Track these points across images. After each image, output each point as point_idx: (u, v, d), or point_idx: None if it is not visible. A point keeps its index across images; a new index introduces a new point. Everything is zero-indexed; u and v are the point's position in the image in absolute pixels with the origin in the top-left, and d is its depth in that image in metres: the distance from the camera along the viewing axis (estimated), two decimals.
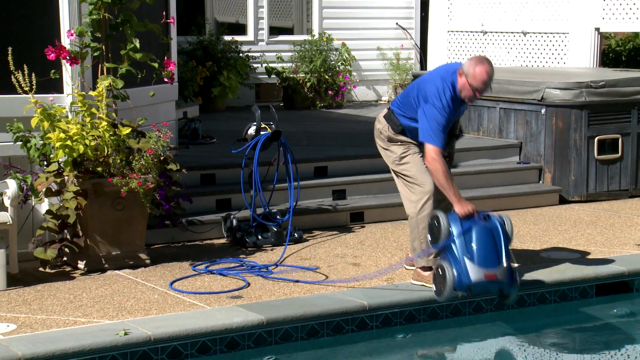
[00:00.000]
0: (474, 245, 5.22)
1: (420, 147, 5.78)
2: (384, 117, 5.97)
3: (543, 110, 8.80)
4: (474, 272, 5.14)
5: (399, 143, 5.88)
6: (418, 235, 5.76)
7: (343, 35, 12.89)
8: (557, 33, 11.39)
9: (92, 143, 6.08)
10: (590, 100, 8.66)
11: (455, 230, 5.28)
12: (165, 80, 6.50)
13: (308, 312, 5.31)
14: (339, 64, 12.56)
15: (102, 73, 6.34)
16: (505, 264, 5.24)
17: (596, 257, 6.58)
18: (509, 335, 5.53)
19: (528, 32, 11.74)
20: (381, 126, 5.97)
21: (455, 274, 5.17)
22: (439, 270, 5.28)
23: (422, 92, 5.67)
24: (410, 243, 5.86)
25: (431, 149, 5.54)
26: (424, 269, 5.80)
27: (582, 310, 5.96)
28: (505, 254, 5.26)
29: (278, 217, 7.07)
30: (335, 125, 10.72)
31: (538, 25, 11.61)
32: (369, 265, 6.35)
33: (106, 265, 6.24)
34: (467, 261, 5.17)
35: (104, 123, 6.12)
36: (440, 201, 5.81)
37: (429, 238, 5.47)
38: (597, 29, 11.02)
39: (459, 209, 5.44)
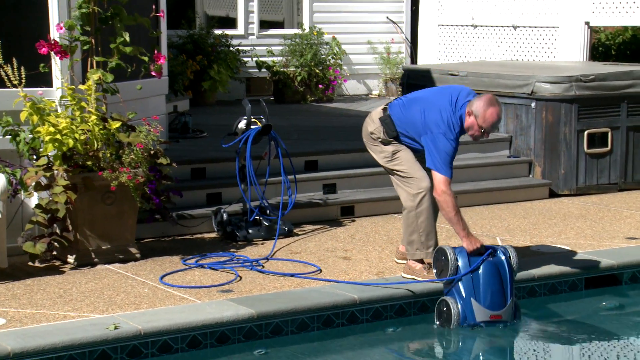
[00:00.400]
0: (480, 285, 5.22)
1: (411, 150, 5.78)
2: (380, 119, 5.86)
3: (533, 104, 8.82)
4: (480, 314, 5.16)
5: (392, 143, 5.85)
6: (417, 228, 5.76)
7: (333, 29, 12.88)
8: (547, 27, 11.40)
9: (82, 137, 6.06)
10: (580, 94, 8.68)
11: (462, 266, 5.26)
12: (155, 74, 6.49)
13: (298, 306, 5.32)
14: (330, 57, 12.56)
15: (91, 67, 6.32)
16: (510, 302, 5.26)
17: (585, 250, 6.60)
18: (495, 328, 5.54)
19: (518, 26, 11.75)
20: (374, 128, 5.89)
21: (461, 311, 5.20)
22: (443, 305, 5.28)
23: (431, 118, 5.56)
24: (406, 237, 5.84)
25: (441, 180, 5.48)
26: (417, 261, 5.80)
27: (571, 303, 5.98)
28: (510, 291, 5.27)
29: (268, 211, 7.07)
30: (326, 119, 10.72)
31: (528, 19, 11.62)
32: (359, 259, 6.35)
33: (96, 260, 6.22)
34: (473, 302, 5.18)
35: (94, 117, 6.10)
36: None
37: (434, 271, 5.42)
38: (587, 23, 11.04)
39: (468, 244, 5.42)
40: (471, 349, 5.17)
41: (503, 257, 5.33)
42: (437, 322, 5.35)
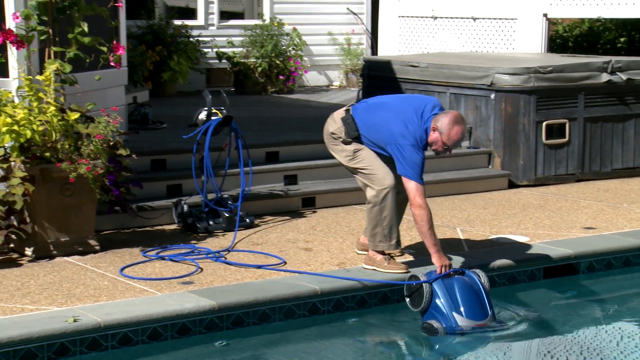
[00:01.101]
0: (459, 300, 5.23)
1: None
2: (342, 119, 5.84)
3: (492, 96, 8.88)
4: (465, 323, 5.17)
5: (353, 143, 5.85)
6: (380, 222, 5.77)
7: (294, 20, 12.86)
8: (506, 19, 11.49)
9: (40, 128, 5.98)
10: (539, 86, 8.76)
11: (439, 291, 5.25)
12: (114, 64, 6.42)
13: (260, 297, 5.31)
14: (290, 49, 12.54)
15: (49, 57, 6.24)
16: (491, 314, 5.28)
17: (544, 240, 6.67)
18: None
19: (478, 18, 11.82)
20: (335, 128, 5.87)
21: (446, 327, 5.17)
22: (427, 327, 5.24)
23: (397, 128, 5.55)
24: (369, 230, 5.85)
25: (417, 192, 5.47)
26: (378, 253, 5.82)
27: (530, 293, 6.04)
28: (489, 305, 5.29)
29: (229, 202, 7.05)
30: (287, 110, 10.70)
31: (487, 11, 11.70)
32: (320, 250, 6.36)
33: (54, 252, 6.16)
34: (456, 316, 5.19)
35: (52, 108, 6.03)
36: (397, 193, 5.83)
37: (407, 300, 5.37)
38: (545, 15, 11.14)
39: (437, 261, 5.46)
40: (429, 338, 5.20)
41: (474, 277, 5.37)
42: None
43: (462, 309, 5.21)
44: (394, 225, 5.80)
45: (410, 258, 6.16)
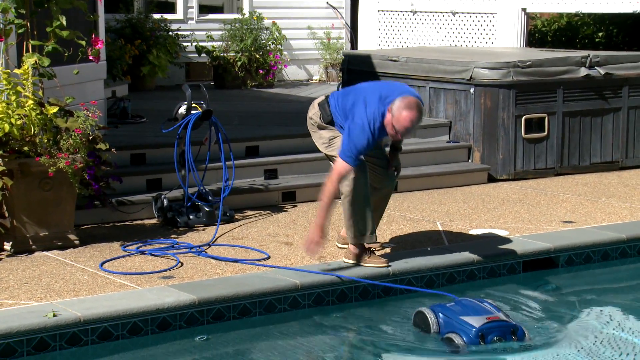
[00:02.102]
0: (466, 309, 5.06)
1: None
2: (319, 104, 5.90)
3: (472, 90, 8.91)
4: (475, 320, 4.95)
5: (328, 129, 5.88)
6: (353, 213, 5.78)
7: (273, 14, 12.84)
8: (486, 13, 11.53)
9: (18, 122, 5.95)
10: (518, 80, 8.80)
11: (442, 318, 5.05)
12: (92, 58, 6.39)
13: (240, 292, 5.31)
14: (270, 43, 12.52)
15: (27, 51, 6.20)
16: (500, 313, 5.08)
17: (523, 234, 6.71)
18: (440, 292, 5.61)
19: (457, 12, 11.85)
20: (313, 113, 5.93)
21: (466, 340, 4.91)
22: (447, 341, 5.01)
23: (357, 108, 5.56)
24: (345, 222, 5.86)
25: (339, 167, 5.50)
26: (357, 246, 5.83)
27: (510, 286, 6.07)
28: (495, 308, 5.12)
29: (210, 197, 7.04)
30: (267, 104, 10.69)
31: (467, 5, 11.73)
32: (301, 244, 6.36)
33: (34, 247, 6.13)
34: (464, 318, 4.97)
35: (30, 102, 6.00)
36: (377, 189, 5.84)
37: (420, 330, 5.15)
38: (524, 10, 11.19)
39: (311, 231, 5.51)
40: (413, 332, 5.22)
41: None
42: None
43: (469, 311, 5.03)
44: (368, 217, 5.81)
45: (388, 251, 6.18)
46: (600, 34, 13.01)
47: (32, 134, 6.03)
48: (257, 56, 12.24)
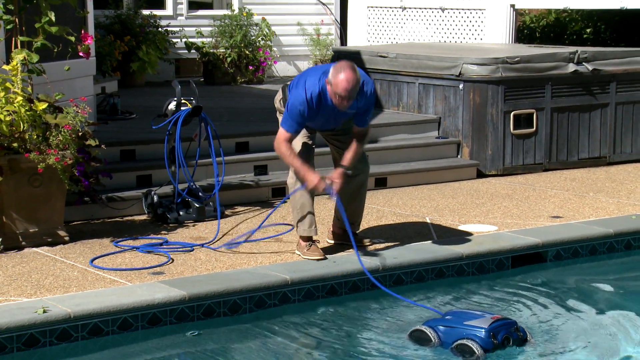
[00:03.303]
0: (463, 316, 4.96)
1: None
2: (282, 89, 6.03)
3: (461, 86, 8.93)
4: (482, 322, 4.85)
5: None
6: (295, 205, 5.90)
7: (263, 10, 12.82)
8: (474, 9, 11.54)
9: (7, 118, 5.93)
10: (506, 76, 8.82)
11: (442, 327, 4.91)
12: (82, 54, 6.37)
13: (230, 287, 5.31)
14: (260, 39, 12.49)
15: (16, 47, 6.18)
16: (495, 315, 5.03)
17: (512, 229, 6.73)
18: (426, 309, 5.62)
19: (446, 8, 11.86)
20: (277, 97, 6.07)
21: (479, 344, 4.76)
22: (461, 351, 4.84)
23: (300, 83, 5.69)
24: (292, 214, 5.96)
25: (280, 134, 5.68)
26: (303, 238, 5.92)
27: (499, 282, 6.09)
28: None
29: (200, 193, 7.03)
30: (256, 100, 10.67)
31: (456, 1, 11.74)
32: (291, 240, 6.36)
33: (23, 243, 6.11)
34: (469, 323, 4.86)
35: (19, 98, 5.97)
36: (350, 177, 5.87)
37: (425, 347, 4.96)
38: (512, 6, 11.20)
39: (311, 178, 5.62)
40: (402, 327, 5.23)
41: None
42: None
43: (468, 317, 4.95)
44: (305, 210, 5.88)
45: (380, 246, 6.19)
46: (588, 30, 13.05)
47: (21, 130, 6.01)
48: (247, 52, 12.22)
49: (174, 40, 12.10)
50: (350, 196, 5.97)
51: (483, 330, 4.79)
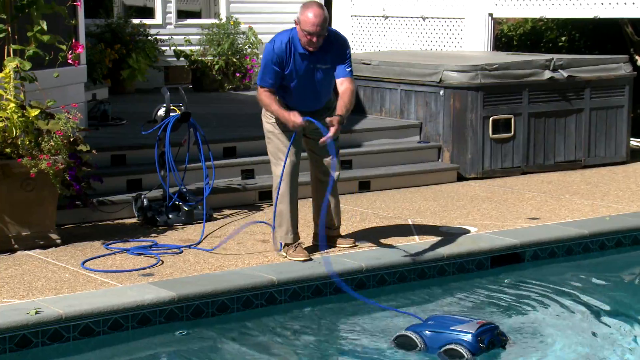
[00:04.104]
0: (448, 322, 4.89)
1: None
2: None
3: (441, 92, 8.94)
4: (468, 327, 4.78)
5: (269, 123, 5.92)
6: (275, 210, 5.90)
7: (250, 19, 12.80)
8: (454, 18, 11.57)
9: (0, 125, 5.89)
10: (485, 83, 8.84)
11: (427, 332, 4.81)
12: (73, 62, 6.34)
13: (218, 288, 5.29)
14: (246, 47, 12.48)
15: (8, 55, 6.15)
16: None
17: (491, 230, 6.74)
18: (409, 306, 5.62)
19: (427, 17, 11.89)
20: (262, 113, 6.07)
21: (468, 348, 4.68)
22: (450, 356, 4.74)
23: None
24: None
25: (259, 90, 5.73)
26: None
27: (478, 281, 6.10)
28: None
29: (189, 197, 7.01)
30: (243, 106, 10.65)
31: (436, 11, 11.77)
32: (276, 241, 6.34)
33: (16, 246, 6.07)
34: (456, 328, 4.78)
35: (12, 104, 5.94)
36: (322, 182, 5.91)
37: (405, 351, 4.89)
38: (491, 15, 11.24)
39: (291, 118, 5.57)
40: (384, 326, 5.23)
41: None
42: None
43: (454, 322, 4.87)
44: (284, 216, 5.88)
45: (365, 248, 6.18)
46: (563, 38, 13.11)
47: (13, 136, 5.97)
48: (234, 60, 12.20)
49: (163, 48, 12.07)
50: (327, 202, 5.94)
51: (471, 334, 4.72)
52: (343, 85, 5.69)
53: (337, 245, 6.16)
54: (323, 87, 5.79)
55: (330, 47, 5.64)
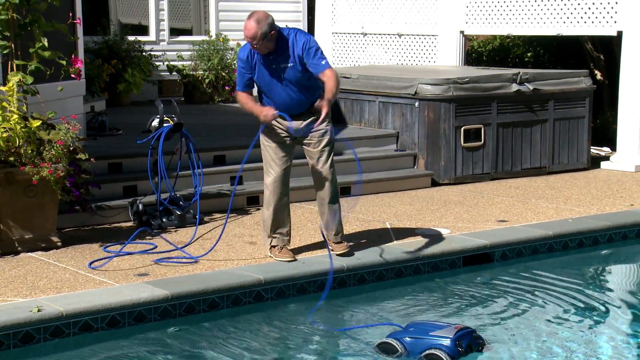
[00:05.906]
0: (427, 328, 4.80)
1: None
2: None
3: (416, 104, 8.99)
4: (446, 332, 4.71)
5: (263, 133, 5.92)
6: (262, 215, 5.96)
7: (238, 36, 12.78)
8: (428, 35, 11.63)
9: (4, 135, 5.88)
10: (457, 95, 8.89)
11: (408, 338, 4.72)
12: (73, 76, 6.34)
13: (209, 287, 5.29)
14: (235, 62, 12.49)
15: (12, 69, 6.14)
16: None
17: (463, 232, 6.78)
18: (387, 302, 5.64)
19: (403, 34, 11.94)
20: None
21: (445, 353, 4.59)
22: (427, 358, 4.67)
23: None
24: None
25: (236, 93, 5.87)
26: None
27: (451, 279, 6.13)
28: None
29: (181, 202, 7.01)
30: (232, 117, 10.66)
31: (411, 28, 11.83)
32: (264, 245, 6.34)
33: (19, 248, 6.05)
34: (435, 333, 4.70)
35: (15, 116, 5.93)
36: (318, 196, 5.92)
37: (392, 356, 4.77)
38: (462, 32, 11.31)
39: (263, 112, 5.69)
40: (364, 320, 5.24)
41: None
42: None
43: (433, 328, 4.79)
44: (268, 222, 5.91)
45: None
46: (529, 54, 13.20)
47: (17, 145, 5.96)
48: (223, 74, 12.21)
49: (157, 63, 12.07)
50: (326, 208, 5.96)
51: (449, 339, 4.65)
52: (325, 75, 5.61)
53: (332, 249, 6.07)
54: (300, 87, 5.73)
55: (285, 46, 5.65)
